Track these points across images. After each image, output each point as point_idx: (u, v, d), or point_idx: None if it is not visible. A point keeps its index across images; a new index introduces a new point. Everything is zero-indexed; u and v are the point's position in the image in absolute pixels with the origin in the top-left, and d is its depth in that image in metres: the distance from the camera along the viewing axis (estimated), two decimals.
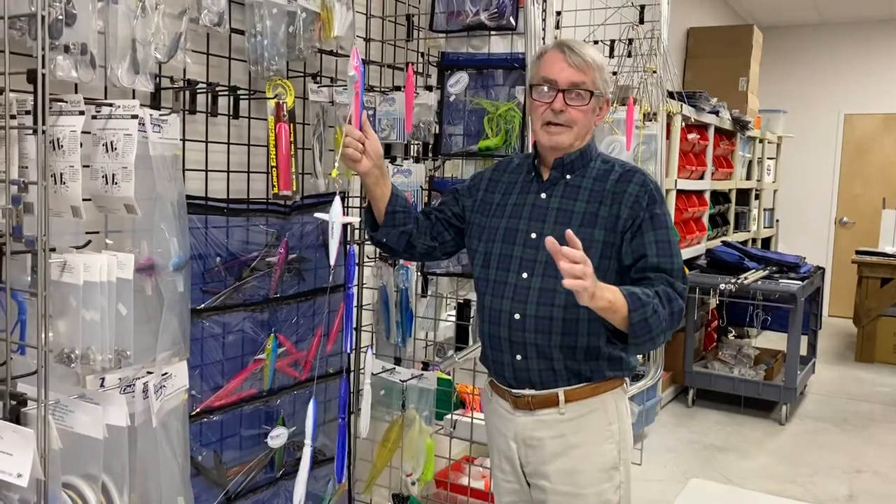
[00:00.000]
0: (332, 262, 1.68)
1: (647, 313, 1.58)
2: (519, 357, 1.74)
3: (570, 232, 1.49)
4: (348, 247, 2.36)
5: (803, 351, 4.91)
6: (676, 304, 1.64)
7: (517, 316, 1.72)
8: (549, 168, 1.78)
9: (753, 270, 4.88)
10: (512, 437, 1.80)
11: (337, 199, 1.66)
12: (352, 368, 2.57)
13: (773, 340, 5.62)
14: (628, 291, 1.59)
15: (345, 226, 2.42)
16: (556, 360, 1.71)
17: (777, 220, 7.37)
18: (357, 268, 2.66)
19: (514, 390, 1.77)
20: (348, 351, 1.68)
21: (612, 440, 1.75)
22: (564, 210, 1.73)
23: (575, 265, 1.46)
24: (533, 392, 1.75)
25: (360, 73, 1.64)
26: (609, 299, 1.54)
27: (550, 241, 1.48)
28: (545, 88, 1.71)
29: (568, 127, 1.71)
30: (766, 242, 7.05)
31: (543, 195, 1.77)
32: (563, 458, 1.74)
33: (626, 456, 1.78)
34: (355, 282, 2.55)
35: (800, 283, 4.64)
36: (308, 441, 1.80)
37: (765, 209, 6.94)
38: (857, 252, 6.37)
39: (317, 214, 1.73)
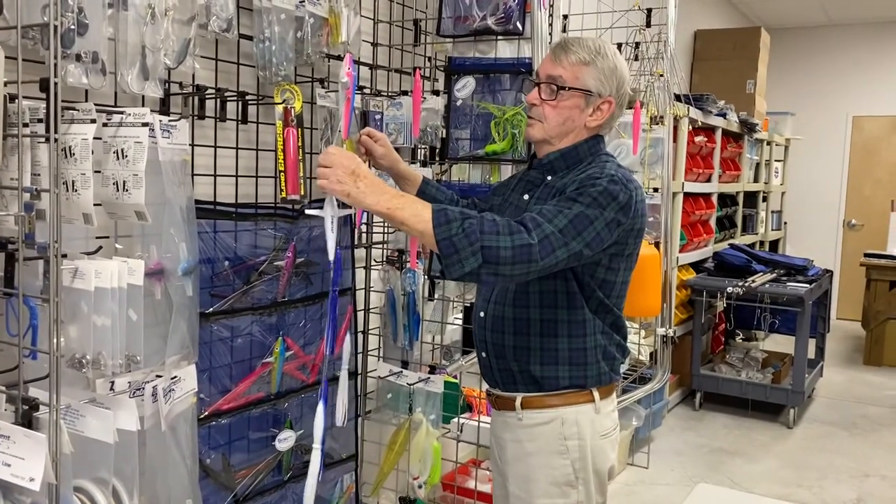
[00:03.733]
0: (331, 258, 1.64)
1: (452, 230, 1.43)
2: (483, 354, 1.78)
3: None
4: (337, 250, 2.34)
5: (811, 354, 4.90)
6: (520, 237, 1.45)
7: (482, 314, 1.76)
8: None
9: (761, 273, 4.87)
10: (492, 431, 1.85)
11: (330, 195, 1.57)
12: (359, 372, 2.58)
13: (780, 343, 5.61)
14: (440, 207, 1.47)
15: (353, 230, 2.44)
16: (509, 360, 1.71)
17: (785, 223, 7.35)
18: (366, 271, 2.68)
19: (488, 388, 1.82)
20: (329, 354, 1.64)
21: (567, 456, 1.69)
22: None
23: (321, 168, 1.47)
24: (498, 392, 1.78)
25: (352, 79, 1.63)
26: (388, 205, 1.45)
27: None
28: (534, 83, 1.70)
29: (538, 121, 1.68)
30: (774, 245, 7.04)
31: (526, 196, 1.74)
32: (520, 463, 1.74)
33: (587, 476, 1.70)
34: (351, 286, 2.54)
35: (808, 285, 4.63)
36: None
37: (772, 212, 6.93)
38: (866, 255, 6.36)
39: (308, 211, 1.63)
